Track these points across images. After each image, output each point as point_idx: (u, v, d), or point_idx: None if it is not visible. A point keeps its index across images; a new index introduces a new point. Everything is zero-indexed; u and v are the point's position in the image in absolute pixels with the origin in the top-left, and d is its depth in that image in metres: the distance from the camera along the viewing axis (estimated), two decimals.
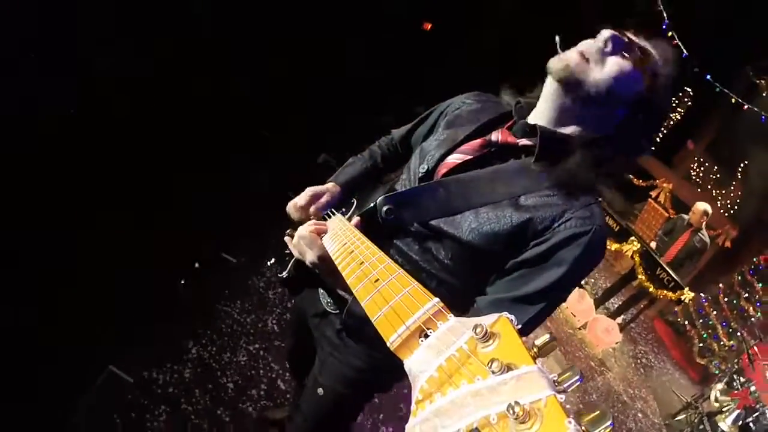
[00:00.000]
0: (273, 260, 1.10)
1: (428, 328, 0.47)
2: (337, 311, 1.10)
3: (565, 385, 0.35)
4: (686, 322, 6.25)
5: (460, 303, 0.93)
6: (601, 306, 5.33)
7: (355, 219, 0.91)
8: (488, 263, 0.89)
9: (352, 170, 1.28)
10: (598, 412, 0.33)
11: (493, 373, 0.36)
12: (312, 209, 1.08)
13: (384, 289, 0.57)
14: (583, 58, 0.84)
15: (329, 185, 1.18)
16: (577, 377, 0.35)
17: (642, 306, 5.21)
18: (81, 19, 2.66)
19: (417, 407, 0.40)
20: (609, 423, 0.32)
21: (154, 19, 3.04)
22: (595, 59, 0.84)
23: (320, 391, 1.16)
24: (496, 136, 0.94)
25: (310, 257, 0.86)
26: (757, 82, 6.36)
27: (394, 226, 0.92)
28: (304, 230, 0.89)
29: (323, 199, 1.11)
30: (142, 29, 3.02)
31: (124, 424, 1.81)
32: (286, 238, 1.04)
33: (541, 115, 0.92)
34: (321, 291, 1.16)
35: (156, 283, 2.37)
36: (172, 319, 2.28)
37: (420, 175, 1.02)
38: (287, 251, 1.07)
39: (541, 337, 0.40)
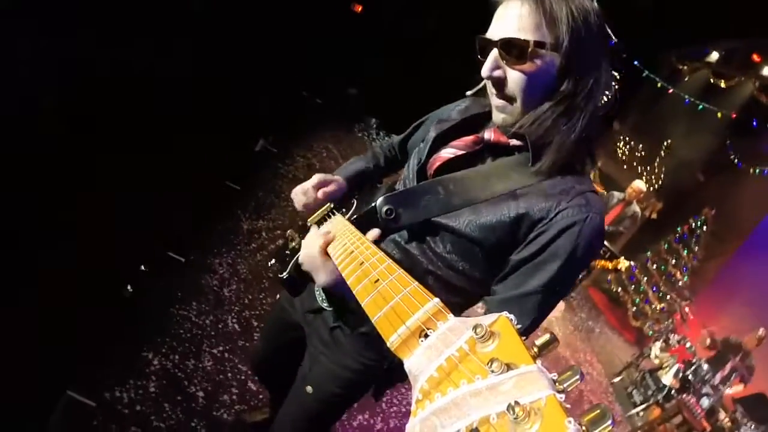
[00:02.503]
0: (273, 261, 1.08)
1: (428, 328, 0.48)
2: (331, 309, 1.10)
3: (565, 385, 0.36)
4: (619, 289, 6.77)
5: (460, 300, 0.99)
6: None
7: (375, 232, 0.90)
8: (488, 257, 0.91)
9: (356, 167, 1.29)
10: (598, 411, 0.33)
11: (493, 372, 0.37)
12: (320, 193, 1.10)
13: (384, 290, 0.58)
14: (496, 101, 0.90)
15: (337, 177, 1.18)
16: (578, 377, 0.37)
17: (580, 276, 5.56)
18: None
19: (417, 407, 0.40)
20: (609, 423, 0.32)
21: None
22: (500, 95, 0.89)
23: (309, 389, 1.15)
24: (488, 134, 0.95)
25: (321, 281, 0.87)
26: (681, 67, 6.84)
27: (394, 225, 0.93)
28: (314, 249, 0.86)
29: (331, 187, 1.13)
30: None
31: None
32: (287, 238, 1.03)
33: (504, 123, 0.94)
34: (317, 288, 1.14)
35: (101, 292, 2.18)
36: (125, 330, 2.12)
37: (416, 168, 1.04)
38: (287, 251, 1.07)
39: (541, 337, 0.41)
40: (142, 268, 2.47)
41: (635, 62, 6.34)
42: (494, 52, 0.85)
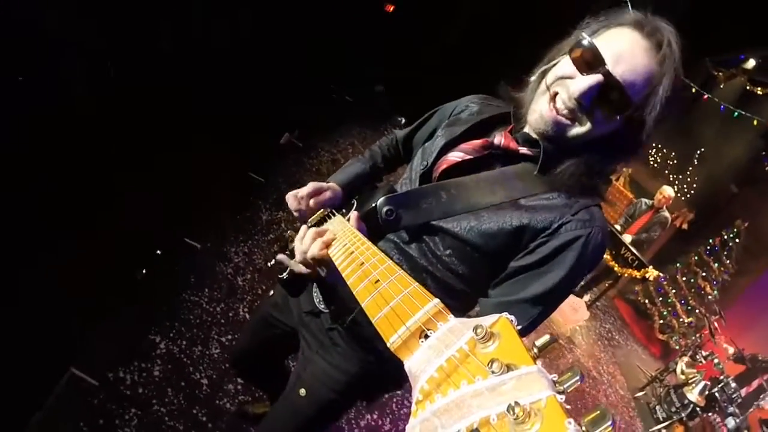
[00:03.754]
0: (273, 261, 1.07)
1: (428, 329, 0.48)
2: (328, 310, 1.10)
3: (565, 386, 0.36)
4: (646, 301, 6.56)
5: (459, 303, 0.97)
6: None
7: (354, 216, 0.90)
8: (487, 262, 0.90)
9: (353, 170, 1.27)
10: (598, 412, 0.33)
11: (493, 373, 0.36)
12: (312, 202, 1.08)
13: (384, 290, 0.58)
14: (559, 115, 0.84)
15: (332, 184, 1.16)
16: (578, 377, 0.36)
17: (606, 285, 5.40)
18: None
19: (417, 407, 0.40)
20: (609, 423, 0.32)
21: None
22: (571, 116, 0.83)
23: (302, 391, 1.12)
24: (498, 139, 0.94)
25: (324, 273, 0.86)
26: (716, 74, 6.60)
27: (394, 226, 0.92)
28: (315, 251, 0.84)
29: (324, 195, 1.11)
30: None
31: (92, 431, 1.67)
32: (287, 238, 1.02)
33: (537, 128, 0.90)
34: (315, 289, 1.15)
35: (116, 273, 2.19)
36: (135, 312, 2.13)
37: (420, 172, 1.03)
38: (287, 251, 1.05)
39: (541, 338, 0.41)
40: (158, 252, 2.49)
41: None
42: (600, 79, 0.78)
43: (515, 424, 0.32)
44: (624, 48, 0.78)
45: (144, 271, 2.35)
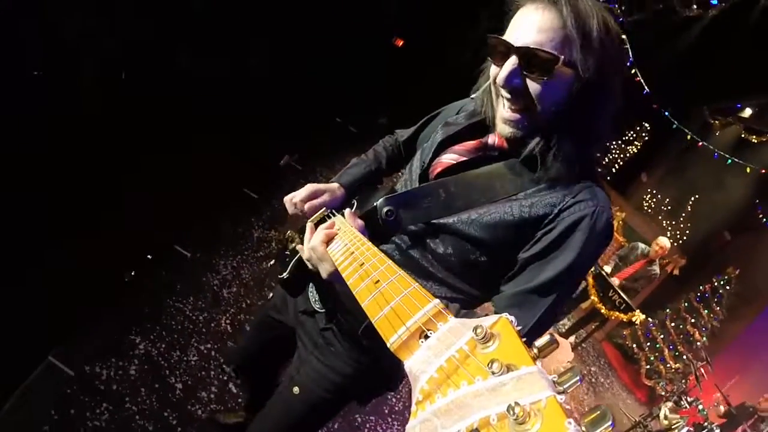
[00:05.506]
0: (273, 261, 1.08)
1: (428, 330, 0.48)
2: (324, 310, 1.11)
3: (565, 386, 0.36)
4: (634, 345, 6.52)
5: (461, 302, 0.95)
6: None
7: (348, 212, 0.90)
8: (488, 258, 0.89)
9: (356, 171, 1.26)
10: (598, 412, 0.33)
11: (494, 373, 0.36)
12: (306, 206, 1.06)
13: (384, 290, 0.58)
14: (512, 112, 0.85)
15: (332, 185, 1.15)
16: (577, 378, 0.36)
17: (593, 327, 5.38)
18: None
19: (417, 408, 0.40)
20: (609, 423, 0.32)
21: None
22: (516, 105, 0.84)
23: (296, 389, 1.11)
24: (492, 139, 0.94)
25: (326, 271, 0.83)
26: (712, 122, 6.76)
27: (394, 226, 0.92)
28: (316, 242, 0.84)
29: (320, 199, 1.09)
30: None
31: (62, 420, 1.66)
32: (287, 239, 1.03)
33: (503, 132, 0.91)
34: (311, 289, 1.15)
35: (105, 273, 2.23)
36: (120, 312, 2.14)
37: (418, 172, 1.03)
38: (287, 251, 1.06)
39: (541, 339, 0.42)
40: (149, 256, 2.53)
41: (666, 113, 6.29)
42: (513, 60, 0.80)
43: (515, 424, 0.32)
44: (521, 21, 0.81)
45: (133, 273, 2.38)
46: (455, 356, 0.41)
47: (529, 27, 0.79)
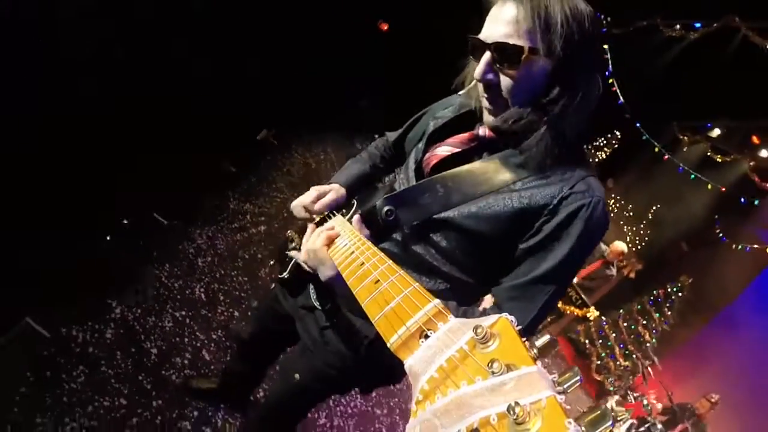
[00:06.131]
0: (273, 262, 1.09)
1: (428, 329, 0.48)
2: (322, 309, 1.12)
3: (565, 386, 0.37)
4: (587, 341, 6.81)
5: (467, 295, 0.98)
6: None
7: (357, 219, 0.92)
8: (491, 249, 0.90)
9: (353, 171, 1.28)
10: (598, 412, 0.35)
11: (494, 373, 0.36)
12: (316, 207, 1.08)
13: (384, 290, 0.58)
14: (488, 103, 0.89)
15: (334, 185, 1.17)
16: (577, 378, 0.37)
17: (549, 320, 5.60)
18: None
19: (417, 408, 0.40)
20: (609, 423, 0.34)
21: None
22: (492, 96, 0.88)
23: (297, 376, 1.18)
24: (483, 131, 0.95)
25: (325, 275, 0.85)
26: (681, 137, 7.01)
27: (395, 225, 0.92)
28: (317, 244, 0.85)
29: (327, 198, 1.11)
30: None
31: (38, 382, 1.66)
32: (287, 239, 1.03)
33: (488, 122, 0.94)
34: (310, 287, 1.16)
35: (83, 236, 2.22)
36: (96, 276, 2.13)
37: (414, 169, 1.04)
38: (287, 251, 1.06)
39: (541, 339, 0.42)
40: (125, 221, 2.52)
41: (637, 124, 6.49)
42: (487, 55, 0.84)
43: (515, 424, 0.32)
44: (490, 18, 0.86)
45: (108, 238, 2.37)
46: (455, 356, 0.41)
47: (495, 22, 0.83)
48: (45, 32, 2.39)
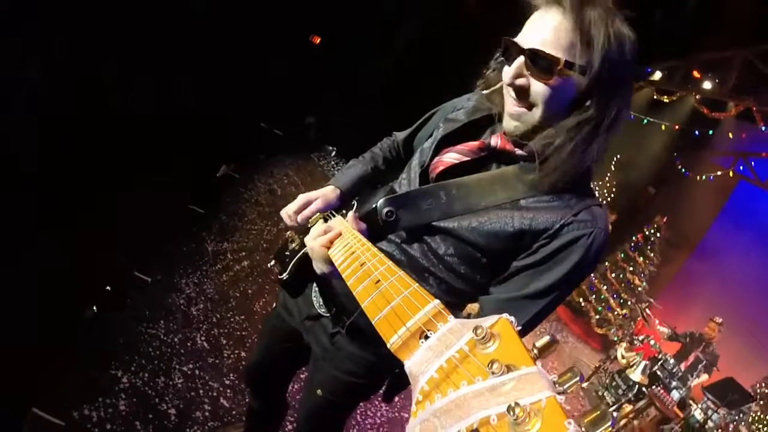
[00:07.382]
0: (273, 262, 1.08)
1: (428, 330, 0.48)
2: (329, 314, 1.11)
3: (565, 386, 0.41)
4: (580, 299, 7.00)
5: (461, 302, 0.99)
6: None
7: (351, 216, 0.90)
8: (488, 261, 0.90)
9: (353, 172, 1.27)
10: (598, 413, 0.35)
11: (494, 374, 0.37)
12: (299, 218, 1.09)
13: (385, 291, 0.58)
14: (514, 106, 0.87)
15: (326, 189, 1.17)
16: (577, 378, 0.39)
17: None
18: None
19: (417, 408, 0.40)
20: (609, 424, 0.35)
21: None
22: (521, 102, 0.86)
23: (319, 392, 1.16)
24: (495, 141, 0.93)
25: (323, 271, 0.87)
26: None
27: (394, 227, 0.92)
28: (316, 243, 0.85)
29: (312, 206, 1.11)
30: None
31: None
32: (287, 239, 1.03)
33: (508, 128, 0.92)
34: (314, 294, 1.15)
35: (65, 313, 2.15)
36: (93, 349, 2.08)
37: (419, 172, 1.03)
38: (287, 252, 1.06)
39: (541, 339, 0.45)
40: (108, 288, 2.44)
41: None
42: (521, 59, 0.82)
43: (515, 424, 0.32)
44: (531, 24, 0.84)
45: (94, 309, 2.29)
46: (455, 356, 0.41)
47: (536, 30, 0.82)
48: None
